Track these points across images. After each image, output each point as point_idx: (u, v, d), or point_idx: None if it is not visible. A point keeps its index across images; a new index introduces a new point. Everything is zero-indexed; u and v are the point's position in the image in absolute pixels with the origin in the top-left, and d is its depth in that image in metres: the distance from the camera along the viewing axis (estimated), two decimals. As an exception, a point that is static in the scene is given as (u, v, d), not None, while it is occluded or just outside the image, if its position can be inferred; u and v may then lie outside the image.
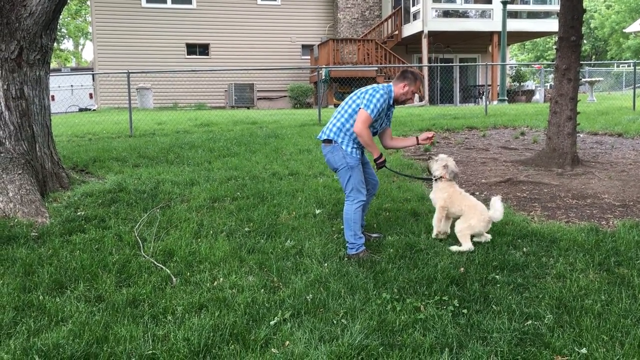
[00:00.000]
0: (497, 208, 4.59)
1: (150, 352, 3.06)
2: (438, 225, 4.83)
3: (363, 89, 4.56)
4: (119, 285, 4.02)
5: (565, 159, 8.00)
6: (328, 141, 4.55)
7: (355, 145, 4.52)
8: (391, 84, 4.61)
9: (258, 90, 22.76)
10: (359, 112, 4.41)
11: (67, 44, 51.48)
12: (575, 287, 3.75)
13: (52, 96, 21.96)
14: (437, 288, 3.77)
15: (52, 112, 6.89)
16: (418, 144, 4.81)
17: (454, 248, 4.54)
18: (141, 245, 4.80)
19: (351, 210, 4.51)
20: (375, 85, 4.59)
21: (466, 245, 4.52)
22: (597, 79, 22.94)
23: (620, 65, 34.71)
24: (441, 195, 4.80)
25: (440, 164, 4.83)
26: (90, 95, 22.75)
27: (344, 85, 21.29)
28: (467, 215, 4.62)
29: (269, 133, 10.99)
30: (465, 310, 3.45)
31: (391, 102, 4.57)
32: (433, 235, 4.86)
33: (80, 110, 21.14)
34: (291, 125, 12.81)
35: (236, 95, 21.81)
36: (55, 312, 3.54)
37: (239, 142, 9.86)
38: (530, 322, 3.29)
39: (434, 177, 4.88)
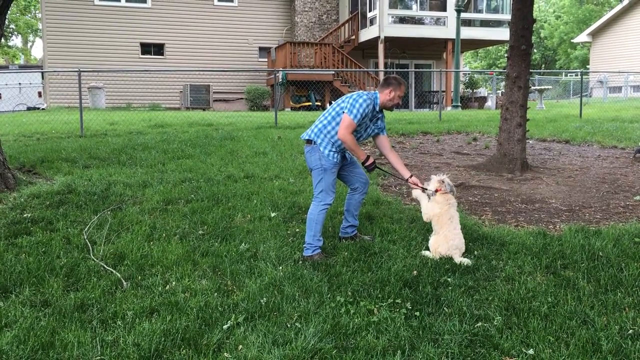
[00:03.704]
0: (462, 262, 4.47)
1: (98, 358, 2.99)
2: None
3: (348, 95, 4.62)
4: (67, 289, 3.91)
5: (515, 164, 8.21)
6: (309, 141, 4.62)
7: (333, 149, 4.56)
8: (376, 91, 4.66)
9: (214, 92, 22.52)
10: (342, 117, 4.47)
11: (16, 41, 49.84)
12: (524, 289, 3.84)
13: (-1, 94, 21.20)
14: (391, 291, 3.80)
15: (-2, 110, 6.66)
16: (406, 180, 4.74)
17: (425, 253, 4.56)
18: (90, 248, 4.67)
19: (316, 211, 4.56)
20: (360, 91, 4.66)
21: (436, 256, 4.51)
22: (546, 87, 23.59)
23: (568, 74, 35.87)
24: (432, 208, 4.64)
25: (435, 179, 4.68)
26: (40, 94, 22.03)
27: (300, 89, 21.30)
28: (439, 241, 4.52)
29: (225, 135, 10.89)
30: (417, 313, 3.49)
31: (377, 108, 4.63)
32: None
33: (29, 109, 20.43)
34: (247, 127, 12.73)
35: (192, 97, 21.54)
36: (-1, 317, 3.42)
37: (194, 144, 9.74)
38: (480, 323, 3.36)
39: (431, 191, 4.69)
